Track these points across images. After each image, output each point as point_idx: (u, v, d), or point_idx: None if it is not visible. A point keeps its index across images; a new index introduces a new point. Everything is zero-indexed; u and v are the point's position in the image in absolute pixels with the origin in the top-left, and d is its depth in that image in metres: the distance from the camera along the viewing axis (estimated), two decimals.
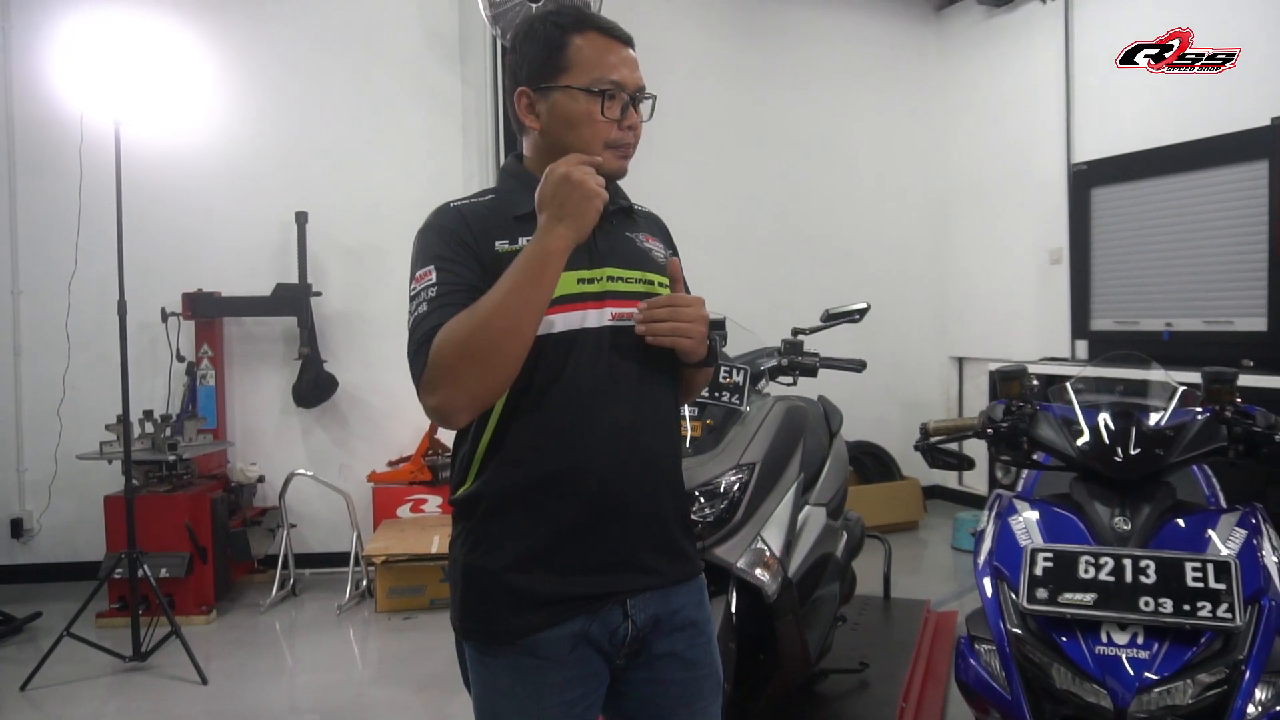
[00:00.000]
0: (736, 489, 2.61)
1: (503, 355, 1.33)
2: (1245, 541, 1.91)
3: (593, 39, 1.48)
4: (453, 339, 1.32)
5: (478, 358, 1.32)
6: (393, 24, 5.41)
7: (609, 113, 1.47)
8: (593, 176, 1.36)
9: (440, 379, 1.33)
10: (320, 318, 5.20)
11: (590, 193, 1.34)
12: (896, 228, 6.60)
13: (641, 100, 1.51)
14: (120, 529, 4.00)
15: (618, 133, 1.49)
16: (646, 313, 1.43)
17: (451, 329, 1.33)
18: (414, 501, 5.05)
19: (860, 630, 3.74)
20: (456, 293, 1.38)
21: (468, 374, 1.32)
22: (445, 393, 1.34)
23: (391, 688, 3.73)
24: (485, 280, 1.39)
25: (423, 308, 1.39)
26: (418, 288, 1.41)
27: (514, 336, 1.33)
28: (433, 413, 1.37)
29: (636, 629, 1.48)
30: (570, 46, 1.48)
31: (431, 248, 1.44)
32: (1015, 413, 2.26)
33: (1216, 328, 4.48)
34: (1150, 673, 1.75)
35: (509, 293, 1.32)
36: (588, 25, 1.50)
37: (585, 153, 1.45)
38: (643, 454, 1.47)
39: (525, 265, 1.34)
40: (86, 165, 4.69)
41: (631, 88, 1.49)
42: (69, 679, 3.72)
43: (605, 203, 1.38)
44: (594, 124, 1.47)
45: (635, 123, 1.51)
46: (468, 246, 1.43)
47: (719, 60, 6.09)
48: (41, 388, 4.91)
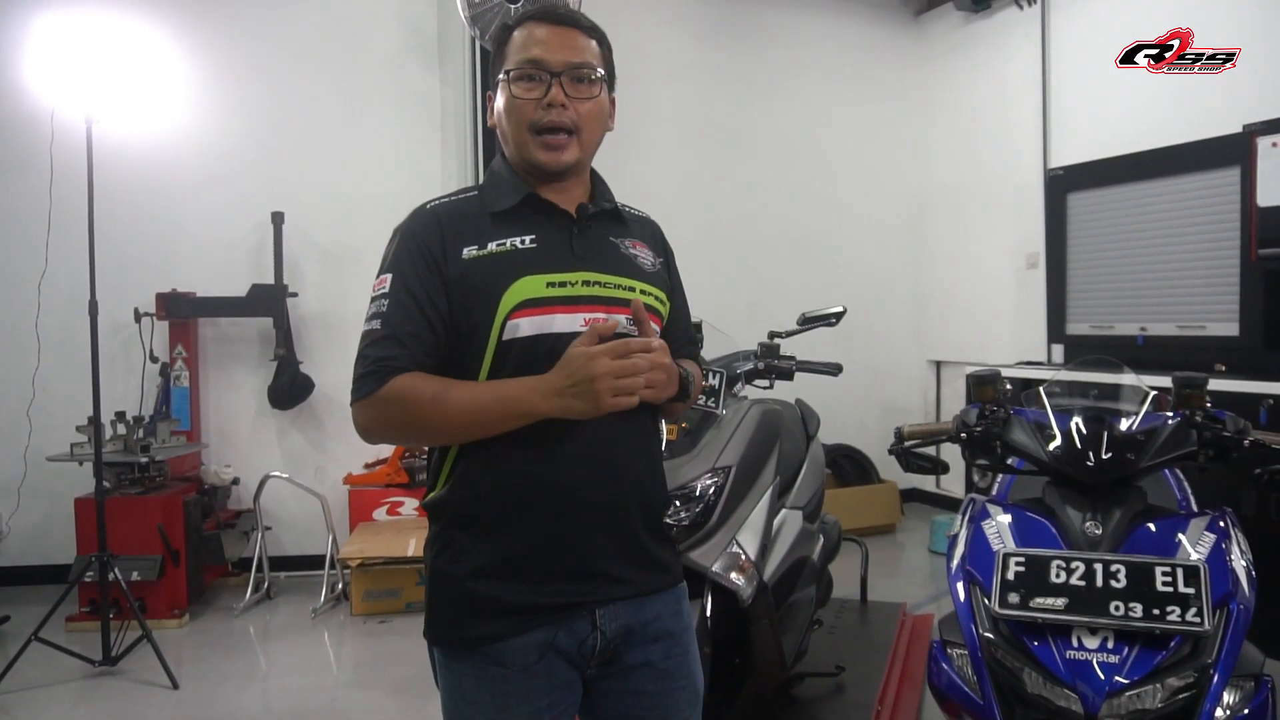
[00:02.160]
0: (712, 492, 2.61)
1: (430, 440, 1.49)
2: (1214, 546, 1.92)
3: (529, 28, 1.47)
4: (407, 403, 1.38)
5: (412, 430, 1.47)
6: (371, 23, 5.38)
7: (528, 93, 1.44)
8: (623, 385, 1.33)
9: (375, 416, 1.41)
10: (296, 319, 5.17)
11: (599, 394, 1.32)
12: (874, 231, 6.63)
13: (581, 79, 1.46)
14: (91, 532, 3.95)
15: (537, 111, 1.43)
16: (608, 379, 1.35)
17: (413, 394, 1.38)
18: (390, 504, 5.03)
19: (837, 633, 3.74)
20: (409, 323, 1.40)
21: (396, 430, 1.48)
22: (373, 425, 1.43)
23: (367, 692, 3.70)
24: (446, 294, 1.41)
25: (376, 325, 1.42)
26: (376, 293, 1.44)
27: (451, 438, 1.43)
28: (357, 428, 1.45)
29: (606, 640, 1.46)
30: (510, 40, 1.47)
31: (397, 256, 1.45)
32: (989, 417, 2.26)
33: (1189, 332, 4.52)
34: (1120, 677, 1.76)
35: (476, 412, 1.37)
36: (529, 18, 1.49)
37: (516, 141, 1.45)
38: (612, 463, 1.45)
39: (504, 403, 1.36)
40: (57, 163, 4.62)
41: (556, 65, 1.43)
42: (37, 684, 3.67)
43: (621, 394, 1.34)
44: (517, 109, 1.45)
45: (555, 99, 1.43)
46: (432, 259, 1.42)
47: (699, 62, 6.09)
48: (11, 389, 4.84)
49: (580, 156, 1.49)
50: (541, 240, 1.46)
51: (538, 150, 1.45)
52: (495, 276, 1.41)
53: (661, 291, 1.57)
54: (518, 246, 1.44)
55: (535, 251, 1.44)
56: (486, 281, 1.41)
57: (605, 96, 1.52)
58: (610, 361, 1.31)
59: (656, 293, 1.55)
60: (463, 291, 1.41)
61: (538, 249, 1.45)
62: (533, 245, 1.45)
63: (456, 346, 1.43)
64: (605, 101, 1.52)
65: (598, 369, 1.31)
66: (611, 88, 1.55)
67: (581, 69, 1.46)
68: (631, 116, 1.57)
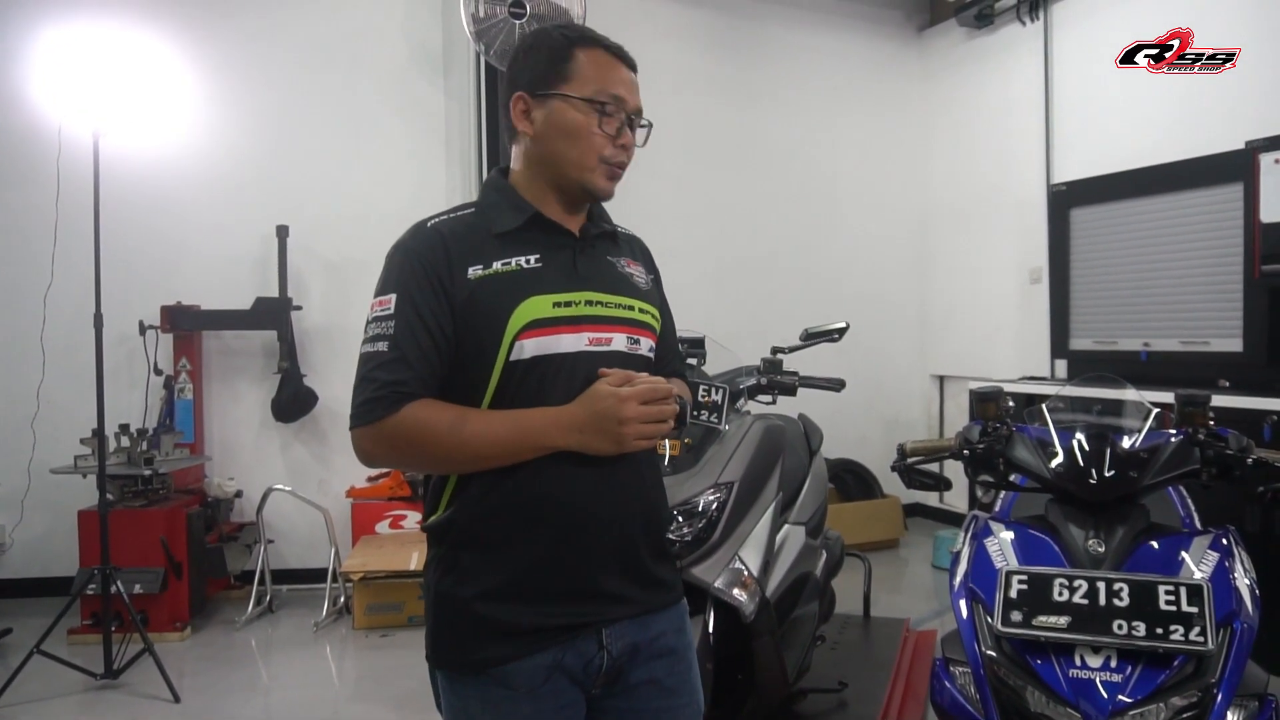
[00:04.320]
0: (714, 508, 2.61)
1: (443, 469, 1.45)
2: (1218, 564, 1.91)
3: (598, 55, 1.48)
4: (423, 434, 1.36)
5: (426, 460, 1.43)
6: (376, 38, 5.41)
7: (606, 127, 1.46)
8: (648, 431, 1.37)
9: (384, 445, 1.39)
10: (300, 332, 5.18)
11: (624, 437, 1.35)
12: (877, 246, 6.64)
13: (639, 125, 1.51)
14: (94, 544, 3.95)
15: (612, 149, 1.47)
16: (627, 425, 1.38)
17: (428, 425, 1.36)
18: (393, 517, 5.02)
19: (839, 649, 3.73)
20: (417, 345, 1.38)
21: (409, 460, 1.43)
22: (380, 452, 1.41)
23: (368, 706, 3.69)
24: (452, 314, 1.39)
25: (383, 347, 1.39)
26: (378, 314, 1.41)
27: (466, 467, 1.41)
28: (359, 453, 1.42)
29: (612, 659, 1.46)
30: (575, 58, 1.47)
31: (401, 276, 1.41)
32: (991, 434, 2.26)
33: (1193, 348, 4.52)
34: (1123, 696, 1.76)
35: (494, 443, 1.36)
36: (596, 42, 1.50)
37: (578, 165, 1.45)
38: (616, 482, 1.45)
39: (523, 436, 1.37)
40: (64, 176, 4.63)
41: (631, 108, 1.48)
42: (39, 697, 3.67)
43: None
44: (591, 136, 1.45)
45: (629, 142, 1.49)
46: (437, 279, 1.40)
47: (702, 77, 6.11)
48: (15, 401, 4.84)
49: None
50: (546, 260, 1.46)
51: (601, 179, 1.48)
52: (503, 297, 1.40)
53: (655, 309, 1.58)
54: (523, 266, 1.44)
55: (541, 271, 1.44)
56: (494, 302, 1.40)
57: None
58: (640, 407, 1.34)
59: (652, 310, 1.57)
60: (470, 312, 1.40)
61: (543, 269, 1.45)
62: (538, 265, 1.45)
63: (459, 368, 1.42)
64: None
65: (628, 412, 1.34)
66: None
67: (642, 118, 1.52)
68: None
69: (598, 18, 4.52)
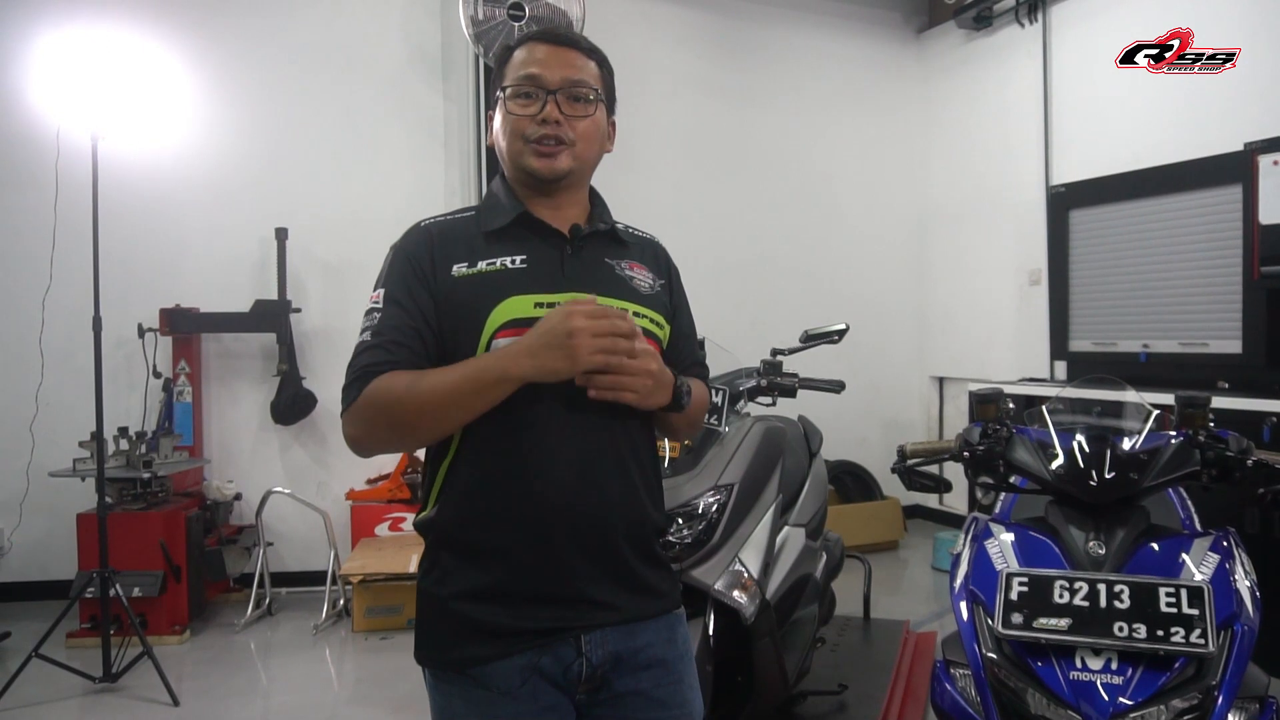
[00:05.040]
0: (714, 510, 2.61)
1: (416, 435, 1.41)
2: (1218, 566, 1.91)
3: (528, 46, 1.50)
4: (384, 399, 1.36)
5: (395, 427, 1.38)
6: (376, 40, 5.41)
7: (523, 109, 1.46)
8: (602, 344, 1.30)
9: (359, 423, 1.39)
10: (299, 334, 5.18)
11: (577, 349, 1.29)
12: (877, 248, 6.64)
13: (577, 97, 1.47)
14: (92, 547, 3.94)
15: (532, 126, 1.45)
16: (588, 377, 1.35)
17: (387, 389, 1.36)
18: (392, 520, 5.02)
19: (839, 651, 3.73)
20: (398, 332, 1.40)
21: (382, 432, 1.40)
22: (359, 433, 1.40)
23: (367, 708, 3.69)
24: (435, 310, 1.42)
25: (366, 337, 1.42)
26: (370, 307, 1.45)
27: (434, 426, 1.38)
28: (347, 440, 1.42)
29: (592, 666, 1.43)
30: (511, 59, 1.50)
31: (390, 273, 1.46)
32: (991, 436, 2.26)
33: (1192, 350, 4.52)
34: (1124, 698, 1.75)
35: (450, 391, 1.34)
36: (531, 38, 1.51)
37: (513, 151, 1.47)
38: (598, 487, 1.42)
39: (477, 373, 1.34)
40: (63, 179, 4.63)
41: (553, 83, 1.45)
42: (37, 700, 3.66)
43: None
44: (515, 120, 1.46)
45: (550, 116, 1.44)
46: (424, 276, 1.43)
47: (700, 79, 6.12)
48: (14, 404, 4.84)
49: (574, 167, 1.48)
50: (532, 260, 1.45)
51: (532, 157, 1.46)
52: (482, 295, 1.41)
53: (659, 314, 1.55)
54: (507, 266, 1.44)
55: (524, 272, 1.44)
56: (473, 300, 1.41)
57: (602, 117, 1.53)
58: (587, 320, 1.29)
59: (653, 315, 1.53)
60: (450, 309, 1.42)
61: (527, 269, 1.44)
62: (523, 265, 1.45)
63: (441, 365, 1.42)
64: (602, 122, 1.53)
65: (575, 324, 1.29)
66: (611, 110, 1.56)
67: (578, 87, 1.47)
68: (633, 133, 1.58)
69: (596, 20, 4.53)
